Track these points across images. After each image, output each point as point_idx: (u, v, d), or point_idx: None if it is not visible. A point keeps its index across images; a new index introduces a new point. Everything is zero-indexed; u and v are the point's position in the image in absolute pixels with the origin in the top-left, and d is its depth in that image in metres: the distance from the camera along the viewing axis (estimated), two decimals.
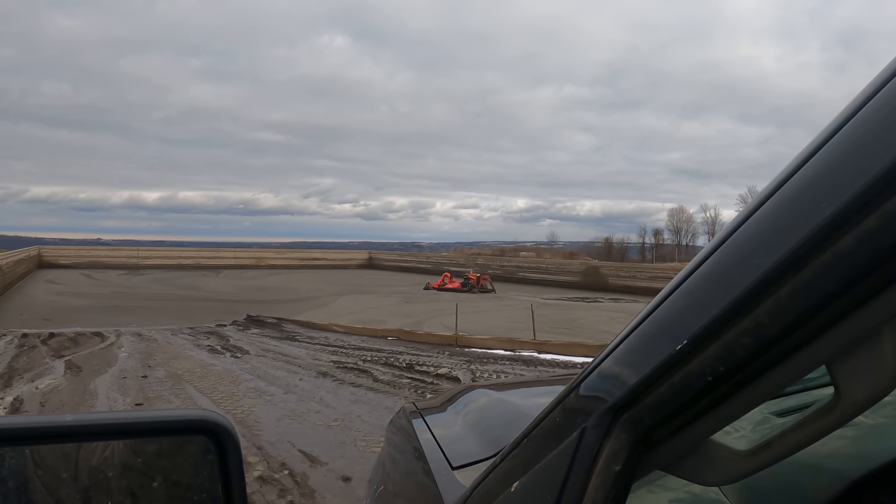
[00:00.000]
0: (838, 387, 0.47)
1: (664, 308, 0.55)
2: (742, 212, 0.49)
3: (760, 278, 0.43)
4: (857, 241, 0.38)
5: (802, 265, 0.40)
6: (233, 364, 11.88)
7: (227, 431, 0.52)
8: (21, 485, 0.48)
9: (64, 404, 8.63)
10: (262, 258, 62.53)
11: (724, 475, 0.57)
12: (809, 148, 0.44)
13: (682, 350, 0.50)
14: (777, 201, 0.45)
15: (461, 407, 1.79)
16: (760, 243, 0.44)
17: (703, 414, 0.52)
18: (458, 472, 1.24)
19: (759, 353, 0.45)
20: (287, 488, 5.79)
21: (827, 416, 0.49)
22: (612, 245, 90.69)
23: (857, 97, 0.42)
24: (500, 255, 69.67)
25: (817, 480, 1.09)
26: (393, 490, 1.53)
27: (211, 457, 0.52)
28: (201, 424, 0.53)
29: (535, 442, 0.73)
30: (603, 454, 0.58)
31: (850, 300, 0.40)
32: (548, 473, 0.66)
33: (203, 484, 0.52)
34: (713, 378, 0.48)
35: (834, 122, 0.42)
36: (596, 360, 0.66)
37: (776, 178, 0.46)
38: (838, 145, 0.41)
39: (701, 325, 0.48)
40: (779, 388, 0.48)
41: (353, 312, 21.47)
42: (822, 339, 0.43)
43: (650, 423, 0.55)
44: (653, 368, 0.53)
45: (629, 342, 0.59)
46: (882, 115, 0.38)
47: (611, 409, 0.58)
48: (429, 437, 1.52)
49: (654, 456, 0.58)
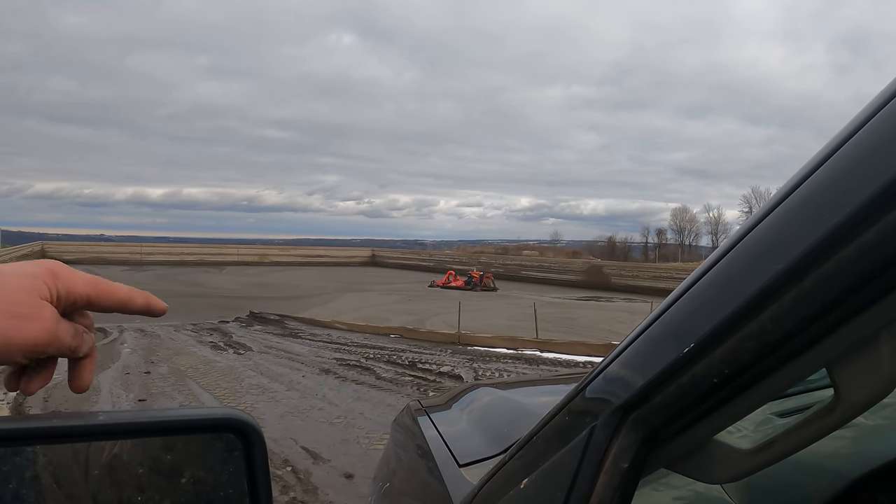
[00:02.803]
0: (838, 389, 0.48)
1: (672, 312, 0.57)
2: (749, 220, 0.51)
3: (765, 285, 0.45)
4: (858, 251, 0.40)
5: (806, 273, 0.42)
6: (236, 361, 11.92)
7: (253, 429, 0.54)
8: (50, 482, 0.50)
9: (67, 399, 8.65)
10: (266, 255, 62.55)
11: (728, 473, 0.59)
12: (814, 160, 0.45)
13: (689, 353, 0.51)
14: (783, 211, 0.46)
15: (466, 405, 1.79)
16: (766, 251, 0.46)
17: (708, 414, 0.54)
18: (465, 469, 1.25)
19: (762, 356, 0.47)
20: (290, 485, 5.81)
21: (827, 417, 0.51)
22: (616, 244, 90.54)
23: (861, 112, 0.43)
24: (504, 254, 69.62)
25: (817, 480, 1.11)
26: (398, 487, 1.55)
27: (237, 454, 0.54)
28: (228, 422, 0.54)
29: (544, 440, 0.75)
30: (612, 452, 0.60)
31: (850, 307, 0.42)
32: (558, 470, 0.67)
33: (230, 480, 0.54)
34: (718, 380, 0.50)
35: (841, 133, 0.44)
36: (605, 361, 0.67)
37: (782, 189, 0.48)
38: (842, 158, 0.43)
39: (708, 329, 0.50)
40: (781, 389, 0.50)
41: (355, 310, 21.49)
42: (823, 344, 0.45)
43: (657, 423, 0.57)
44: (661, 370, 0.55)
45: (637, 345, 0.61)
46: (884, 131, 0.40)
47: (620, 409, 0.60)
48: (434, 435, 1.53)
49: (661, 454, 0.60)
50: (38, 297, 0.53)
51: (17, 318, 0.51)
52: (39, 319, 0.52)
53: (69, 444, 0.51)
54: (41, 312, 0.53)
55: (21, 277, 0.53)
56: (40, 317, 0.53)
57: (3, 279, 0.52)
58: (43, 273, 0.54)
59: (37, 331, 0.52)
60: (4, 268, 0.54)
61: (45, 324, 0.53)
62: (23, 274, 0.53)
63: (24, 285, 0.52)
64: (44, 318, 0.53)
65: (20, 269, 0.54)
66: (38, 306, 0.53)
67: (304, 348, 13.50)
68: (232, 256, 58.82)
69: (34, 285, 0.53)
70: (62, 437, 0.50)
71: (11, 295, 0.51)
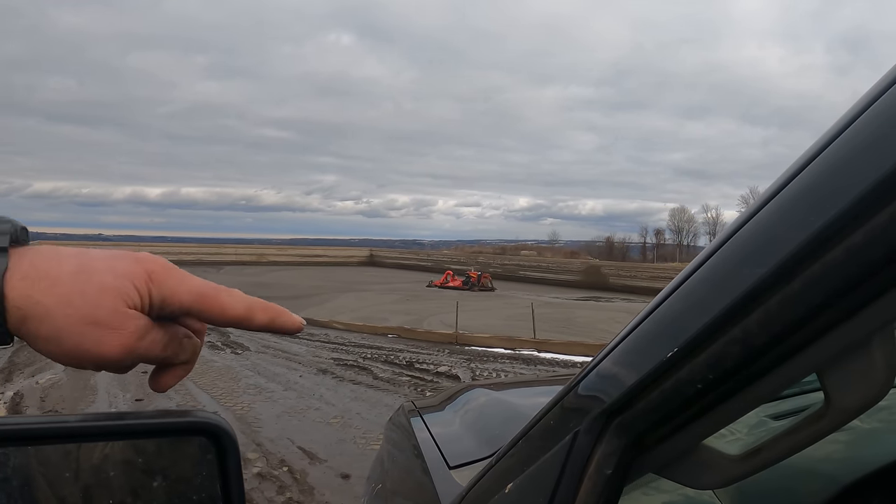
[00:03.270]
0: (829, 394, 0.47)
1: (655, 316, 0.55)
2: (738, 218, 0.49)
3: (751, 288, 0.43)
4: (845, 254, 0.38)
5: (793, 276, 0.41)
6: (233, 360, 11.90)
7: (226, 433, 0.53)
8: (24, 484, 0.49)
9: (64, 399, 8.65)
10: (264, 255, 62.51)
11: (716, 479, 0.58)
12: (803, 158, 0.44)
13: (672, 357, 0.50)
14: (770, 211, 0.45)
15: (460, 406, 1.79)
16: (751, 254, 0.45)
17: (693, 420, 0.53)
18: (456, 471, 1.25)
19: (749, 361, 0.45)
20: (286, 485, 5.80)
21: (818, 423, 0.49)
22: (614, 244, 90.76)
23: (846, 113, 0.42)
24: (502, 254, 69.79)
25: (810, 484, 1.09)
26: (391, 488, 1.54)
27: (210, 457, 0.53)
28: (201, 426, 0.53)
29: (530, 443, 0.74)
30: (595, 458, 0.59)
31: (839, 310, 0.41)
32: (541, 476, 0.66)
33: (202, 484, 0.53)
34: (703, 386, 0.49)
35: (829, 131, 0.43)
36: (593, 361, 0.66)
37: (769, 189, 0.46)
38: (829, 158, 0.41)
39: (692, 334, 0.48)
40: (770, 395, 0.49)
41: (353, 310, 21.49)
42: (812, 348, 0.44)
43: (642, 428, 0.56)
44: (645, 374, 0.53)
45: (626, 344, 0.60)
46: (873, 129, 0.39)
47: (603, 414, 0.59)
48: (427, 436, 1.53)
49: (647, 459, 0.59)
50: (124, 305, 0.46)
51: (94, 326, 0.44)
52: (119, 332, 0.45)
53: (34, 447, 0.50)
54: (123, 323, 0.46)
55: (110, 276, 0.46)
56: (121, 329, 0.46)
57: (89, 275, 0.45)
58: (137, 274, 0.47)
59: (113, 346, 0.45)
60: (95, 258, 0.46)
61: (124, 339, 0.46)
62: (113, 272, 0.46)
63: (112, 286, 0.45)
64: (124, 332, 0.46)
65: (111, 265, 0.46)
66: (121, 316, 0.46)
67: (301, 348, 13.47)
68: (230, 256, 58.72)
69: (123, 288, 0.46)
70: (24, 439, 0.48)
71: (94, 297, 0.45)
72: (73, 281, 0.44)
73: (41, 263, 0.44)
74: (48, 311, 0.43)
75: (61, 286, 0.44)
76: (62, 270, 0.44)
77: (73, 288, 0.44)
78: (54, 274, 0.44)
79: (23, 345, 2.36)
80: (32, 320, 0.43)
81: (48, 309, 0.43)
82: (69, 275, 0.44)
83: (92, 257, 0.46)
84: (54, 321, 0.43)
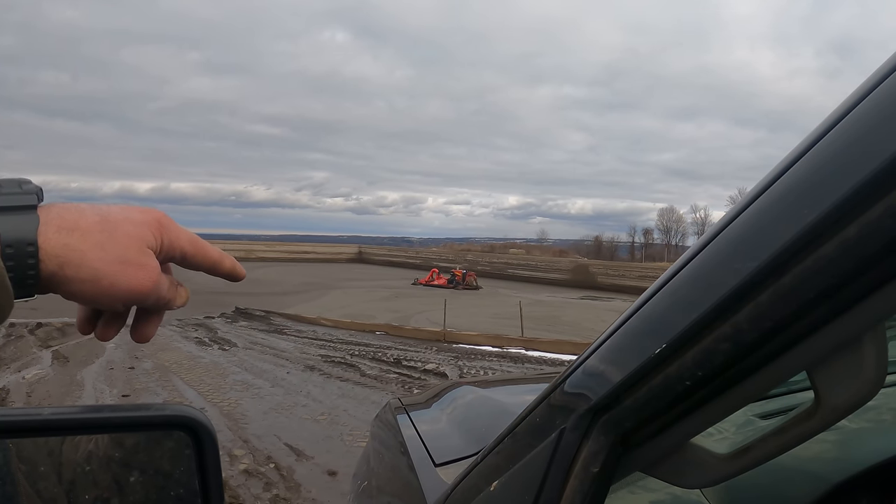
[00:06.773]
0: (818, 393, 0.46)
1: (643, 312, 0.55)
2: (727, 213, 0.49)
3: (740, 284, 0.43)
4: (838, 249, 0.37)
5: (785, 270, 0.40)
6: (220, 356, 11.85)
7: (204, 428, 0.52)
8: (2, 478, 0.48)
9: (51, 395, 8.58)
10: (252, 251, 62.31)
11: (704, 478, 0.57)
12: (795, 152, 0.43)
13: (660, 354, 0.49)
14: (761, 205, 0.44)
15: (446, 403, 1.78)
16: (741, 248, 0.44)
17: (682, 417, 0.52)
18: (441, 468, 1.24)
19: (738, 359, 0.45)
20: (273, 482, 5.78)
21: (807, 422, 0.49)
22: (602, 244, 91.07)
23: (838, 107, 0.41)
24: (490, 252, 69.92)
25: (799, 484, 1.09)
26: (377, 485, 1.53)
27: (188, 452, 0.52)
28: (179, 420, 0.52)
29: (516, 441, 0.73)
30: (581, 456, 0.58)
31: (830, 308, 0.40)
32: (526, 474, 0.65)
33: (181, 478, 0.52)
34: (692, 383, 0.48)
35: (820, 127, 0.42)
36: (580, 358, 0.65)
37: (761, 182, 0.46)
38: (822, 151, 0.40)
39: (680, 330, 0.47)
40: (759, 393, 0.48)
41: (341, 307, 21.47)
42: (802, 346, 0.43)
43: (629, 426, 0.55)
44: (632, 371, 0.53)
45: (614, 341, 0.59)
46: (865, 121, 0.38)
47: (590, 411, 0.58)
48: (413, 434, 1.52)
49: (634, 457, 0.58)
50: (146, 246, 0.54)
51: (125, 265, 0.52)
52: (146, 268, 0.53)
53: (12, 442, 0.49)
54: (148, 261, 0.54)
55: (131, 224, 0.53)
56: (147, 265, 0.53)
57: (115, 224, 0.52)
58: (151, 222, 0.55)
59: (143, 279, 0.53)
60: (114, 212, 0.54)
61: (151, 273, 0.54)
62: (132, 221, 0.54)
63: (134, 233, 0.53)
64: (150, 268, 0.54)
65: (129, 216, 0.54)
66: (145, 254, 0.53)
67: (289, 345, 13.44)
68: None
69: (143, 234, 0.54)
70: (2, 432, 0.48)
71: (122, 240, 0.52)
72: (101, 230, 0.51)
73: (68, 216, 0.51)
74: (84, 256, 0.50)
75: (92, 235, 0.51)
76: (88, 222, 0.51)
77: (102, 236, 0.51)
78: (83, 225, 0.51)
79: (9, 339, 2.32)
80: (70, 265, 0.49)
81: (84, 254, 0.50)
82: (95, 224, 0.51)
83: (109, 210, 0.54)
84: (91, 263, 0.50)
